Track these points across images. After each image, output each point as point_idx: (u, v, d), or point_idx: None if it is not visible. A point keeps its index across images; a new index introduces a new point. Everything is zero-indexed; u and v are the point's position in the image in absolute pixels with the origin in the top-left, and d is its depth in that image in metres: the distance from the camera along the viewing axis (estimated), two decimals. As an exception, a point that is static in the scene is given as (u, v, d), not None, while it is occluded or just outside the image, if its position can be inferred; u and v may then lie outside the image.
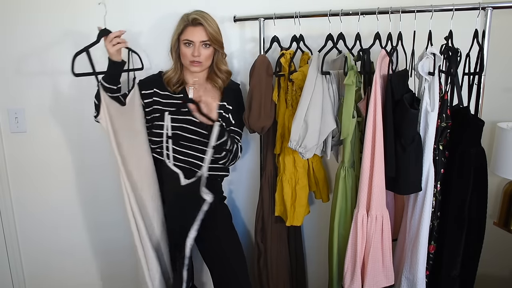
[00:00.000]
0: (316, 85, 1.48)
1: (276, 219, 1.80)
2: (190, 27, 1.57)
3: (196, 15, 1.56)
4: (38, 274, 2.19)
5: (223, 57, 1.67)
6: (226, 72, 1.68)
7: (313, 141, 1.47)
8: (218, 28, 1.61)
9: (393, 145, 1.41)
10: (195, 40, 1.56)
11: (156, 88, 1.67)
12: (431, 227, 1.49)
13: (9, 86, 1.94)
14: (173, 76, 1.65)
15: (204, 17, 1.57)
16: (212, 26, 1.57)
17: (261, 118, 1.62)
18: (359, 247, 1.47)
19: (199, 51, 1.57)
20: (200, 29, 1.56)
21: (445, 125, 1.44)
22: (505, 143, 1.51)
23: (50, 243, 2.14)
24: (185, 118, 1.62)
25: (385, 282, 1.51)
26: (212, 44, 1.59)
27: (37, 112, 1.97)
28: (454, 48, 1.46)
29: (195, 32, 1.56)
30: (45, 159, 2.02)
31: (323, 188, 1.80)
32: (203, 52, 1.58)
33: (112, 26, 1.55)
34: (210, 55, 1.61)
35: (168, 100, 1.66)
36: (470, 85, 1.52)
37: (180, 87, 1.66)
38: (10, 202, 2.07)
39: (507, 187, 1.69)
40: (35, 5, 1.85)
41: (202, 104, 1.39)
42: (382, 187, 1.45)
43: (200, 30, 1.56)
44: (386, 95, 1.41)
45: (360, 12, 1.53)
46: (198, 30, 1.56)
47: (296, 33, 1.64)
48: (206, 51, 1.59)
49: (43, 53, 1.89)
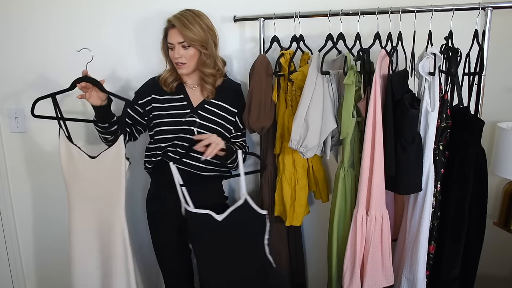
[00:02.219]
0: (317, 84, 1.48)
1: (276, 219, 1.79)
2: (170, 29, 1.57)
3: (172, 17, 1.55)
4: (38, 274, 2.19)
5: (207, 58, 1.59)
6: (211, 74, 1.62)
7: (314, 140, 1.47)
8: (202, 26, 1.55)
9: (393, 145, 1.41)
10: (173, 42, 1.56)
11: (154, 94, 1.67)
12: (431, 227, 1.48)
13: (9, 86, 1.94)
14: (169, 76, 1.66)
15: (182, 17, 1.53)
16: (189, 26, 1.52)
17: (261, 118, 1.62)
18: (358, 247, 1.47)
19: (179, 52, 1.56)
20: (175, 31, 1.55)
21: (445, 125, 1.44)
22: (505, 143, 1.51)
23: (50, 243, 2.14)
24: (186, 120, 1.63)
25: (385, 282, 1.51)
26: (191, 45, 1.55)
27: (37, 112, 1.96)
28: (454, 48, 1.46)
29: (172, 34, 1.56)
30: (45, 159, 2.02)
31: (323, 188, 1.80)
32: (183, 53, 1.56)
33: (110, 27, 1.54)
34: (193, 55, 1.58)
35: (169, 103, 1.65)
36: (470, 85, 1.52)
37: (175, 83, 1.66)
38: (10, 202, 2.07)
39: (507, 187, 1.69)
40: (34, 4, 1.85)
41: (212, 145, 1.48)
42: (381, 187, 1.45)
43: (175, 31, 1.55)
44: (386, 95, 1.41)
45: (360, 12, 1.53)
46: (174, 32, 1.55)
47: (296, 33, 1.64)
48: (187, 52, 1.56)
49: (43, 53, 1.90)
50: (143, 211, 1.79)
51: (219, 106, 1.67)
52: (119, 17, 1.86)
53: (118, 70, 1.90)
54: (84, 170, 1.59)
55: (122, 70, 1.90)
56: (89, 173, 1.58)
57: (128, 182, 2.03)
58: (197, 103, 1.66)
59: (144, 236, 1.92)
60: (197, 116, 1.64)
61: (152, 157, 1.70)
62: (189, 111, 1.64)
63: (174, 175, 1.55)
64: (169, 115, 1.65)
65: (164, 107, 1.65)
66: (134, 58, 1.90)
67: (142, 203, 1.81)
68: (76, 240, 1.64)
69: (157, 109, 1.66)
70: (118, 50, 1.89)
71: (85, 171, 1.59)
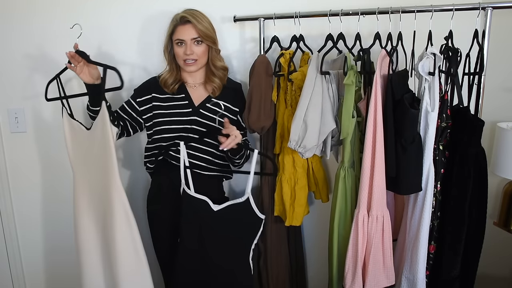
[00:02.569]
0: (316, 85, 1.48)
1: (276, 219, 1.79)
2: (179, 26, 1.57)
3: (184, 13, 1.56)
4: (38, 274, 2.19)
5: (217, 53, 1.65)
6: (222, 68, 1.67)
7: (313, 141, 1.47)
8: (210, 24, 1.60)
9: (394, 145, 1.41)
10: (185, 38, 1.56)
11: (154, 93, 1.67)
12: (431, 227, 1.48)
13: (9, 86, 1.95)
14: (168, 77, 1.65)
15: (193, 14, 1.56)
16: (202, 22, 1.56)
17: (261, 118, 1.62)
18: (360, 247, 1.47)
19: (191, 49, 1.56)
20: (189, 27, 1.56)
21: (445, 125, 1.44)
22: (505, 143, 1.51)
23: (50, 243, 2.14)
24: (191, 119, 1.63)
25: (386, 282, 1.51)
26: (204, 41, 1.58)
27: (37, 112, 1.97)
28: (454, 48, 1.46)
29: (185, 30, 1.56)
30: (45, 159, 2.02)
31: (323, 188, 1.80)
32: (195, 49, 1.58)
33: (113, 26, 1.55)
34: (203, 52, 1.60)
35: (170, 102, 1.66)
36: (470, 85, 1.52)
37: (177, 85, 1.66)
38: (10, 202, 2.07)
39: (507, 187, 1.69)
40: (34, 4, 1.85)
41: (231, 137, 1.51)
42: (382, 187, 1.45)
43: (189, 27, 1.56)
44: (386, 95, 1.41)
45: (360, 12, 1.53)
46: (187, 28, 1.56)
47: (296, 33, 1.64)
48: (199, 48, 1.58)
49: (43, 53, 1.89)
50: (143, 211, 1.79)
51: (220, 105, 1.67)
52: (122, 16, 1.86)
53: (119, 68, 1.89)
54: (84, 143, 1.59)
55: (123, 68, 1.89)
56: (87, 145, 1.58)
57: (128, 182, 2.04)
58: (199, 102, 1.66)
59: (144, 236, 1.92)
60: (199, 116, 1.64)
61: (153, 157, 1.70)
62: (191, 110, 1.64)
63: (181, 155, 1.57)
64: (170, 114, 1.65)
65: (165, 106, 1.65)
66: (135, 57, 1.90)
67: (142, 203, 1.81)
68: (80, 213, 1.61)
69: (158, 108, 1.66)
70: (120, 48, 1.89)
71: (84, 144, 1.59)
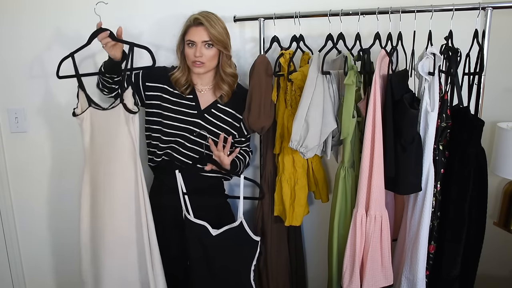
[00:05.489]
0: (317, 85, 1.48)
1: (276, 219, 1.79)
2: (192, 27, 1.56)
3: (198, 15, 1.56)
4: (38, 275, 2.19)
5: (228, 58, 1.63)
6: (231, 74, 1.65)
7: (315, 141, 1.47)
8: (224, 28, 1.59)
9: (393, 145, 1.41)
10: (196, 40, 1.56)
11: (166, 85, 1.65)
12: (431, 227, 1.48)
13: (9, 86, 1.94)
14: (180, 76, 1.64)
15: (207, 17, 1.55)
16: (215, 26, 1.54)
17: (261, 118, 1.62)
18: (358, 247, 1.47)
19: (200, 51, 1.55)
20: (201, 29, 1.55)
21: (445, 125, 1.44)
22: (505, 143, 1.51)
23: (50, 243, 2.14)
24: (194, 121, 1.64)
25: (384, 282, 1.51)
26: (214, 45, 1.56)
27: (37, 112, 1.97)
28: (454, 48, 1.46)
29: (197, 32, 1.56)
30: (45, 159, 2.02)
31: (323, 188, 1.80)
32: (205, 52, 1.56)
33: (113, 26, 1.54)
34: (213, 56, 1.59)
35: (179, 99, 1.65)
36: (470, 85, 1.52)
37: (188, 89, 1.65)
38: (10, 202, 2.07)
39: (507, 187, 1.69)
40: (34, 5, 1.85)
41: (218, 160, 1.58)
42: (381, 187, 1.45)
43: (201, 30, 1.55)
44: (386, 95, 1.41)
45: (360, 12, 1.53)
46: (199, 30, 1.55)
47: (296, 33, 1.64)
48: (209, 51, 1.57)
49: (43, 53, 1.89)
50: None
51: (226, 112, 1.67)
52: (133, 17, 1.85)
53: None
54: (98, 123, 1.58)
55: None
56: (101, 125, 1.58)
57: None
58: (205, 106, 1.66)
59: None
60: (203, 119, 1.65)
61: (154, 155, 1.70)
62: (196, 113, 1.64)
63: (178, 183, 1.60)
64: (176, 111, 1.64)
65: (173, 101, 1.65)
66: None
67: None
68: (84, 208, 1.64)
69: (166, 101, 1.65)
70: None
71: (99, 124, 1.58)
